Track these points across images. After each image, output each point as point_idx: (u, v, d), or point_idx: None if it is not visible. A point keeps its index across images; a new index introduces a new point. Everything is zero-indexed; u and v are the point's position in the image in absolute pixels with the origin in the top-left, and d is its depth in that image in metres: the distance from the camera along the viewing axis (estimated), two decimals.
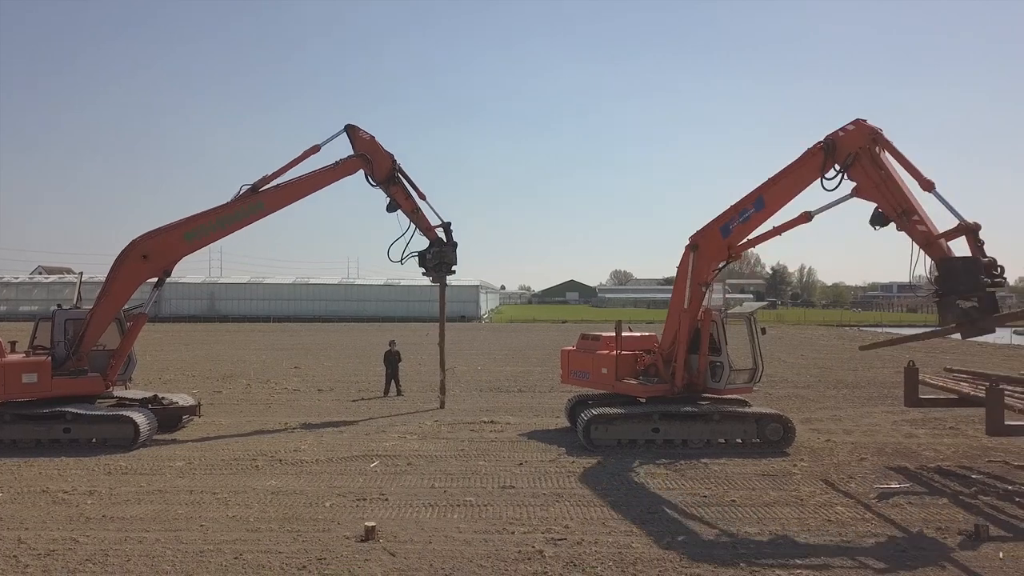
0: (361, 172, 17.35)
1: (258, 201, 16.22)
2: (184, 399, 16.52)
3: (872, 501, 10.90)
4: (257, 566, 8.27)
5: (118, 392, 16.05)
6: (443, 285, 19.44)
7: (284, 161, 16.60)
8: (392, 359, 22.15)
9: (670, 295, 15.67)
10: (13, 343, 15.65)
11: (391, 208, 17.87)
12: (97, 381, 15.09)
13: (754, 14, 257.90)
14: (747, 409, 14.72)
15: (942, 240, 11.65)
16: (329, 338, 48.72)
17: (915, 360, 14.76)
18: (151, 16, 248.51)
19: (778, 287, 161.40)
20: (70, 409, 14.37)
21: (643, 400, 15.17)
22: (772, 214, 13.91)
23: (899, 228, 12.14)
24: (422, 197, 18.03)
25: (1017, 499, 11.04)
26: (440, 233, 18.62)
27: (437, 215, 18.51)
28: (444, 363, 19.94)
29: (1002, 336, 54.11)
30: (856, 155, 12.64)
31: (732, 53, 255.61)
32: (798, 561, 8.43)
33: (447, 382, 20.15)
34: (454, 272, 19.16)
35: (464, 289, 76.22)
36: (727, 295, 17.39)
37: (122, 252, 15.32)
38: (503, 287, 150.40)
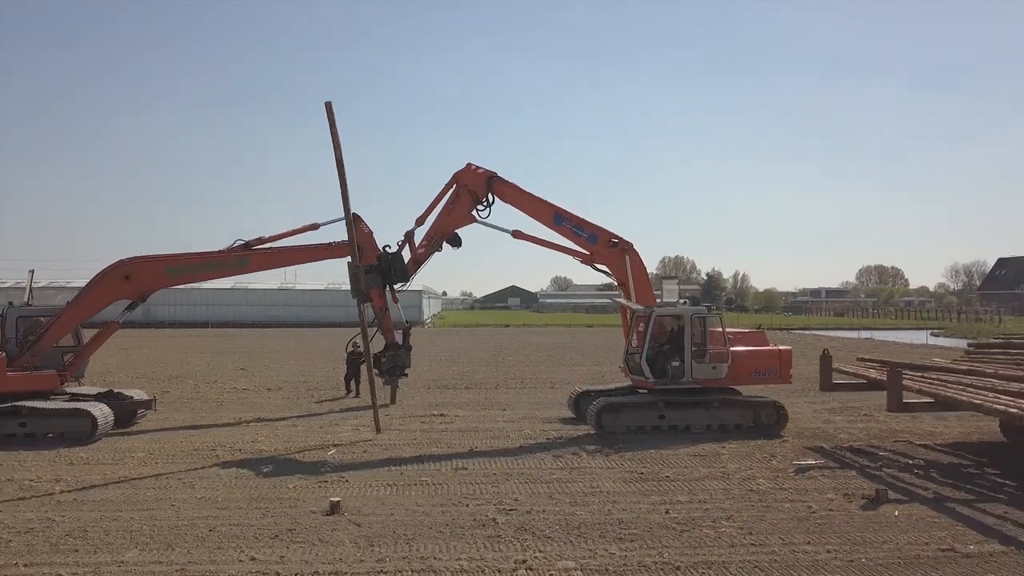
0: (347, 257, 18.02)
1: (246, 258, 16.69)
2: (139, 394, 16.83)
3: (790, 475, 12.09)
4: (231, 537, 8.90)
5: (71, 388, 16.27)
6: (395, 387, 19.84)
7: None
8: (355, 359, 22.44)
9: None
10: None
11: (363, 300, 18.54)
12: (52, 377, 15.33)
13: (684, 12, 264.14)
14: (743, 396, 16.07)
15: None
16: (270, 342, 48.51)
17: (839, 354, 16.16)
18: (95, 22, 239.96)
19: (713, 292, 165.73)
20: (27, 403, 14.60)
21: (643, 391, 16.33)
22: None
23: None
24: (395, 300, 18.80)
25: (916, 471, 12.39)
26: (398, 336, 19.35)
27: (402, 317, 19.30)
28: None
29: (918, 336, 57.35)
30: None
31: (671, 50, 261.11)
32: (724, 522, 9.48)
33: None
34: (406, 376, 19.84)
35: (407, 294, 76.31)
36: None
37: (107, 267, 15.78)
38: (445, 293, 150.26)
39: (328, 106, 14.95)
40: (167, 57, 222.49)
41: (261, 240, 16.81)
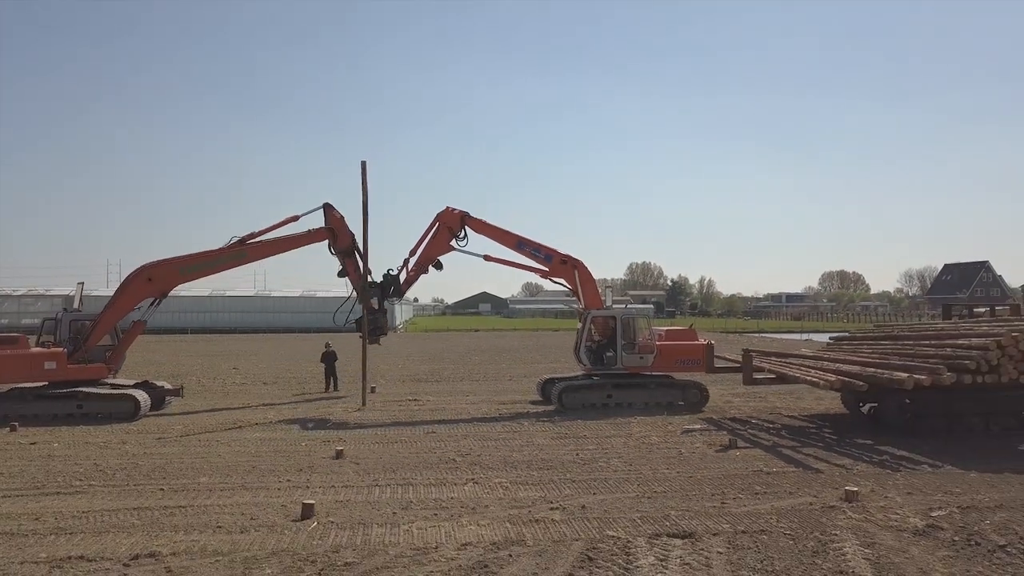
0: (326, 241, 21.79)
1: (242, 251, 20.38)
2: (167, 384, 20.51)
3: (677, 435, 16.17)
4: (269, 471, 12.74)
5: (111, 380, 19.89)
6: (376, 343, 23.44)
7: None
8: (329, 358, 26.07)
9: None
10: None
11: (341, 274, 22.31)
12: (101, 368, 19.01)
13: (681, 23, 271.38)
14: (674, 379, 20.21)
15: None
16: (252, 346, 51.90)
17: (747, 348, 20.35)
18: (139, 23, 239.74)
19: (678, 298, 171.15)
20: (82, 389, 18.24)
21: (596, 377, 20.42)
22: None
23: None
24: (368, 273, 22.63)
25: (771, 431, 16.55)
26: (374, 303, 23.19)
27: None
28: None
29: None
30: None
31: (646, 65, 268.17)
32: (615, 460, 13.51)
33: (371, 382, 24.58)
34: (386, 334, 23.70)
35: None
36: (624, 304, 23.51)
37: (132, 273, 19.42)
38: (416, 299, 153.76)
39: (363, 164, 20.29)
40: (162, 58, 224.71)
41: (252, 235, 20.46)
